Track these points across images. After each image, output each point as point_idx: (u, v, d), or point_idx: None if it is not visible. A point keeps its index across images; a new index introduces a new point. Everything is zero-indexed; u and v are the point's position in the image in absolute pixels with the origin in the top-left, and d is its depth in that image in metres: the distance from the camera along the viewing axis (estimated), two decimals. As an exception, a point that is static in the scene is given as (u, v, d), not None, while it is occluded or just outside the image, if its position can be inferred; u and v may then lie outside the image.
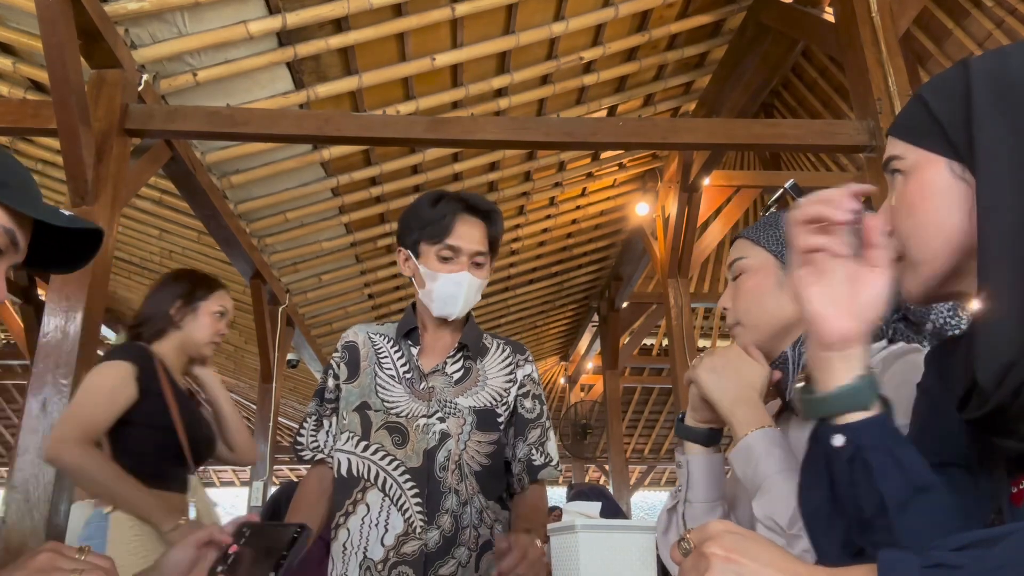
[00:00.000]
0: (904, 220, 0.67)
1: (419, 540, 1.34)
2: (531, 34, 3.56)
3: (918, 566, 0.47)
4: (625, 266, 6.39)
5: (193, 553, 0.94)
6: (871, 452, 0.64)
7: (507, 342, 1.57)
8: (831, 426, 0.67)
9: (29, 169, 3.25)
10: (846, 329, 0.65)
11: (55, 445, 1.77)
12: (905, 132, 0.68)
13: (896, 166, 0.69)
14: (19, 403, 9.51)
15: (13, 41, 2.85)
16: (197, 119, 2.77)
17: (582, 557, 1.04)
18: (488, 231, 1.48)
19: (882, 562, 0.49)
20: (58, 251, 0.90)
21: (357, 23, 3.11)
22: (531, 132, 2.91)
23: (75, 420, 1.80)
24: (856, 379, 0.66)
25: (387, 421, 1.42)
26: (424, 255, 1.46)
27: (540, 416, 1.51)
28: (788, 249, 0.97)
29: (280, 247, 4.43)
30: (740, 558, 0.52)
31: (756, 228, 1.04)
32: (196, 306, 2.01)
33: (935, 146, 0.65)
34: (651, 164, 5.31)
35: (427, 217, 1.45)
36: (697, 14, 3.99)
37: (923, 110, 0.66)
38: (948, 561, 0.47)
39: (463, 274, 1.43)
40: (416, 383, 1.45)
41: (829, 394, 0.66)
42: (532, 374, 1.54)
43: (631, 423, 11.15)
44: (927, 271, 0.66)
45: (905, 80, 2.83)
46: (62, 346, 2.38)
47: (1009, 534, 0.46)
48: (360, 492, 1.39)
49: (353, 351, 1.53)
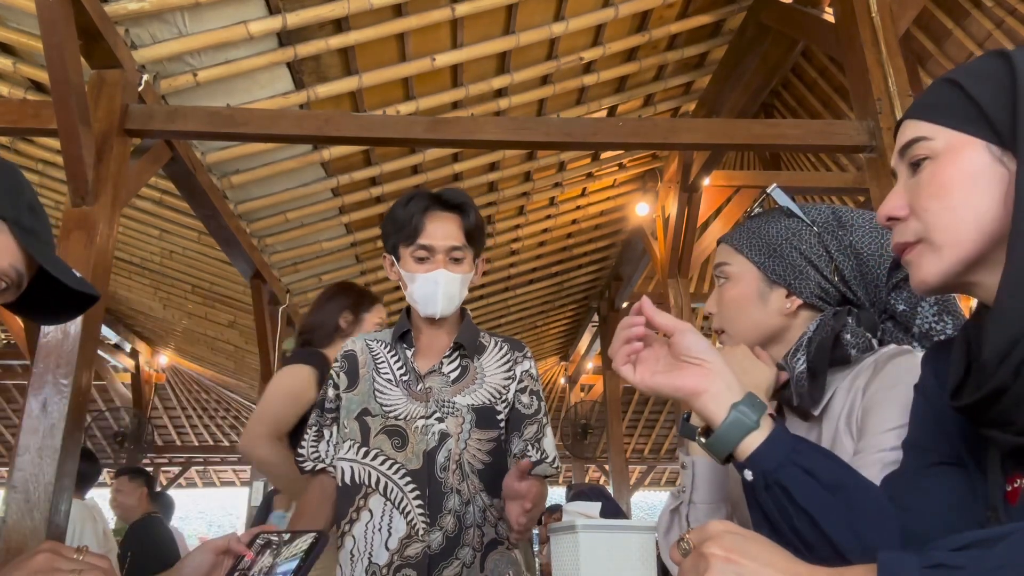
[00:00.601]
0: (930, 201, 0.65)
1: (422, 542, 1.33)
2: (531, 34, 3.56)
3: (918, 566, 0.47)
4: (625, 266, 6.39)
5: (212, 558, 0.95)
6: (780, 472, 0.68)
7: (505, 340, 1.57)
8: (739, 465, 0.71)
9: (29, 169, 3.24)
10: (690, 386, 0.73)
11: (250, 440, 1.99)
12: (935, 113, 0.66)
13: (923, 148, 0.66)
14: (19, 403, 9.51)
15: (13, 41, 2.86)
16: (197, 119, 2.77)
17: (582, 557, 1.04)
18: (463, 223, 1.46)
19: (882, 562, 0.49)
20: (49, 299, 0.93)
21: (357, 23, 3.11)
22: (531, 132, 2.91)
23: (266, 418, 2.01)
24: (731, 409, 0.71)
25: (386, 425, 1.41)
26: (403, 258, 1.46)
27: (537, 412, 1.50)
28: (772, 259, 0.98)
29: (280, 247, 4.43)
30: (740, 558, 0.52)
31: (739, 235, 1.03)
32: (362, 317, 2.25)
33: (973, 128, 0.63)
34: (651, 164, 5.31)
35: (400, 219, 1.45)
36: (697, 14, 3.99)
37: (957, 93, 0.65)
38: (948, 561, 0.47)
39: (438, 272, 1.42)
40: (413, 384, 1.45)
41: (717, 433, 0.72)
42: (531, 370, 1.53)
43: (631, 423, 11.15)
44: (952, 255, 0.64)
45: (905, 80, 2.84)
46: (62, 346, 2.38)
47: (1008, 534, 0.46)
48: (362, 499, 1.38)
49: (352, 360, 1.52)
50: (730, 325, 1.01)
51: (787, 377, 0.97)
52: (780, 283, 0.97)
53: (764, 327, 0.98)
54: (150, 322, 6.95)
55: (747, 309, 0.99)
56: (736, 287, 1.01)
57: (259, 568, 0.92)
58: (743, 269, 1.01)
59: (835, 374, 0.93)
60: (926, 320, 0.94)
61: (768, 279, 0.98)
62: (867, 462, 0.80)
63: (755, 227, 1.02)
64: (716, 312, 1.03)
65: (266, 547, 0.96)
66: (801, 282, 0.96)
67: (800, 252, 0.97)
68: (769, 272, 0.98)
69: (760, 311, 0.98)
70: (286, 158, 3.68)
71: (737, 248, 1.02)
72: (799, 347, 0.94)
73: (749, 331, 0.99)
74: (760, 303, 0.98)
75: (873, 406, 0.85)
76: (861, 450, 0.83)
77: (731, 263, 1.02)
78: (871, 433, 0.83)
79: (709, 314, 1.05)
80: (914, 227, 0.67)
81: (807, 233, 0.98)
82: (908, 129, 0.68)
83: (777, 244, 0.98)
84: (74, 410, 2.35)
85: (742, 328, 1.00)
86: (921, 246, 0.66)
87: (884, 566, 0.49)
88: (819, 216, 0.99)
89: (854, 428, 0.87)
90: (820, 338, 0.92)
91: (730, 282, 1.02)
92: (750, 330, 0.99)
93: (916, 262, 0.67)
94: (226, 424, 11.50)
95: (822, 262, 0.96)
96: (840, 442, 0.87)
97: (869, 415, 0.85)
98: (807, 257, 0.96)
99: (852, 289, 0.96)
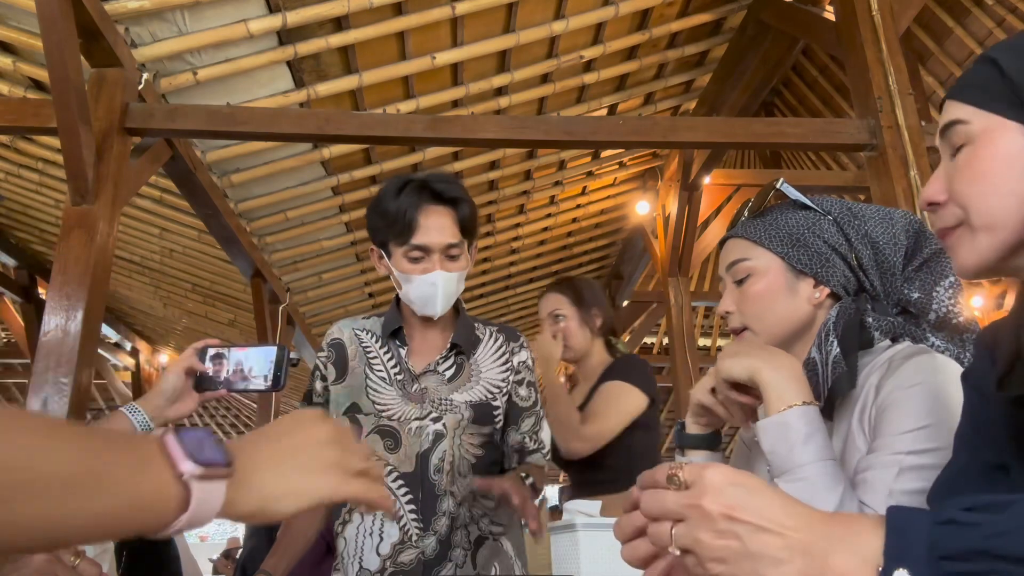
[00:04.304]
0: (968, 186, 0.64)
1: (416, 548, 1.31)
2: (531, 33, 3.56)
3: (930, 522, 0.46)
4: (625, 265, 6.39)
5: (184, 380, 1.11)
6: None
7: (500, 328, 1.51)
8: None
9: (29, 168, 3.24)
10: None
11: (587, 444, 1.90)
12: (972, 95, 0.64)
13: (960, 132, 0.65)
14: (20, 402, 9.51)
15: (13, 40, 2.85)
16: (197, 118, 2.77)
17: (582, 555, 1.04)
18: (457, 217, 1.37)
19: (890, 516, 0.48)
20: None
21: (357, 22, 3.11)
22: (531, 131, 2.91)
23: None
24: None
25: (378, 425, 1.38)
26: (394, 256, 1.38)
27: (535, 404, 1.47)
28: (796, 249, 0.96)
29: (280, 246, 4.43)
30: (742, 515, 0.50)
31: (755, 228, 0.99)
32: None
33: (1009, 111, 0.62)
34: (651, 163, 5.30)
35: (391, 213, 1.35)
36: (697, 12, 3.98)
37: (994, 72, 0.63)
38: (962, 519, 0.45)
39: (436, 273, 1.35)
40: (408, 385, 1.40)
41: None
42: (527, 361, 1.48)
43: (631, 422, 11.13)
44: (992, 239, 0.62)
45: (906, 79, 2.83)
46: (63, 345, 2.38)
47: (1020, 499, 0.45)
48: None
49: (340, 349, 1.46)
50: (757, 322, 0.97)
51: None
52: (807, 273, 0.94)
53: (795, 318, 0.95)
54: (150, 321, 6.95)
55: (777, 302, 0.95)
56: (762, 281, 0.96)
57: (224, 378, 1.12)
58: (767, 262, 0.96)
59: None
60: (943, 304, 0.91)
61: (795, 269, 0.95)
62: (883, 462, 0.79)
63: (771, 219, 0.98)
64: (736, 311, 0.99)
65: (218, 357, 1.13)
66: (828, 271, 0.94)
67: (824, 240, 0.94)
68: (795, 262, 0.95)
69: (790, 303, 0.95)
70: (286, 157, 3.68)
71: (757, 241, 0.97)
72: (827, 332, 0.91)
73: (780, 325, 0.96)
74: (789, 295, 0.95)
75: (889, 405, 0.83)
76: (876, 449, 0.81)
77: (751, 257, 0.97)
78: (887, 433, 0.81)
79: (726, 313, 1.00)
80: (954, 212, 0.65)
81: (825, 222, 0.95)
82: (949, 110, 0.67)
83: (800, 234, 0.95)
84: (74, 409, 2.34)
85: (772, 323, 0.96)
86: (961, 230, 0.65)
87: (893, 520, 0.48)
88: (832, 207, 0.97)
89: (867, 426, 0.85)
90: (846, 320, 0.90)
91: (754, 277, 0.97)
92: (781, 323, 0.95)
93: (956, 247, 0.65)
94: (226, 423, 11.50)
95: (844, 250, 0.94)
96: (852, 440, 0.86)
97: (885, 414, 0.83)
98: (831, 245, 0.94)
99: (870, 278, 0.94)
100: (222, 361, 1.14)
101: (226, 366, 1.14)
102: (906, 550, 0.46)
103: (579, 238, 6.01)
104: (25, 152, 3.81)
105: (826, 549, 0.49)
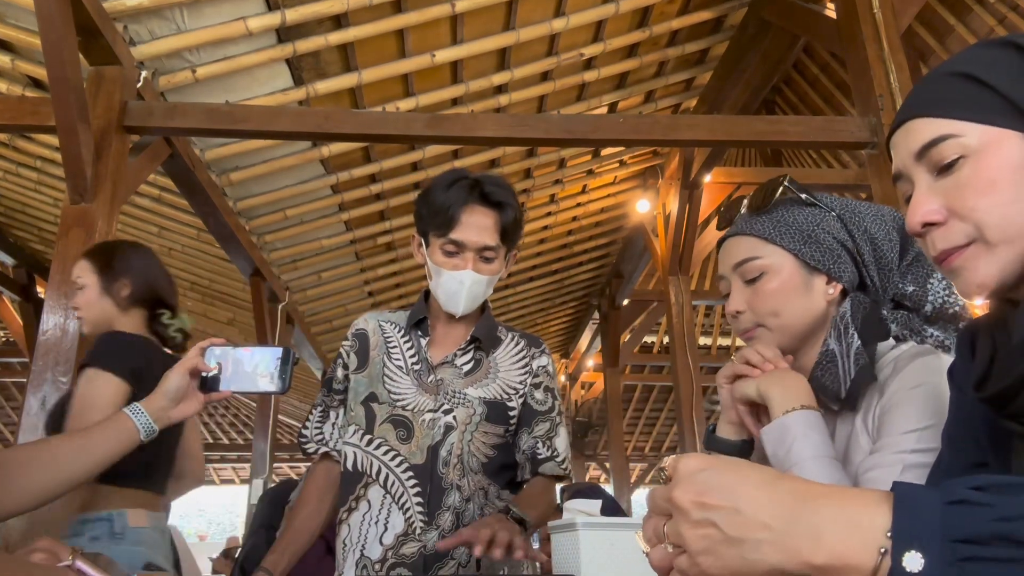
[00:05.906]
0: (979, 200, 0.61)
1: (418, 542, 1.31)
2: (531, 30, 3.55)
3: (940, 501, 0.43)
4: (626, 263, 6.39)
5: (188, 380, 1.10)
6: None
7: (522, 335, 1.51)
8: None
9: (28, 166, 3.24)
10: None
11: None
12: (954, 109, 0.63)
13: (953, 146, 0.62)
14: (18, 401, 9.51)
15: (12, 38, 2.85)
16: (196, 116, 2.76)
17: (583, 554, 1.04)
18: (500, 220, 1.38)
19: (898, 493, 0.44)
20: None
21: (357, 19, 3.10)
22: (531, 129, 2.90)
23: None
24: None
25: (392, 414, 1.39)
26: (432, 246, 1.39)
27: (551, 410, 1.45)
28: (808, 245, 0.95)
29: (280, 244, 4.43)
30: (713, 500, 0.47)
31: (763, 225, 0.97)
32: None
33: (1004, 120, 0.61)
34: (652, 161, 5.30)
35: (437, 204, 1.37)
36: (698, 10, 3.98)
37: (978, 87, 0.62)
38: (973, 498, 0.42)
39: (466, 272, 1.36)
40: (424, 375, 1.41)
41: None
42: (548, 366, 1.48)
43: (632, 421, 11.16)
44: (1010, 252, 0.60)
45: (907, 77, 2.83)
46: (61, 343, 2.38)
47: None
48: (363, 488, 1.36)
49: (363, 339, 1.48)
50: (773, 320, 0.95)
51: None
52: (820, 269, 0.94)
53: (811, 315, 0.94)
54: (150, 320, 6.95)
55: (793, 300, 0.94)
56: (776, 278, 0.95)
57: (229, 379, 1.13)
58: (780, 259, 0.95)
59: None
60: (938, 295, 0.92)
61: (808, 266, 0.94)
62: (887, 461, 0.80)
63: (779, 216, 0.97)
64: (747, 310, 0.97)
65: (223, 358, 1.13)
66: (840, 267, 0.94)
67: (833, 236, 0.94)
68: (808, 259, 0.94)
69: (806, 300, 0.94)
70: (285, 155, 3.68)
71: (768, 238, 0.96)
72: (845, 325, 0.91)
73: (796, 322, 0.95)
74: (805, 292, 0.94)
75: (893, 405, 0.83)
76: (880, 448, 0.82)
77: (763, 255, 0.96)
78: (891, 433, 0.82)
79: (736, 314, 0.99)
80: (962, 229, 0.62)
81: (830, 219, 0.95)
82: (924, 128, 0.64)
83: (810, 230, 0.95)
84: (73, 408, 2.34)
85: (789, 320, 0.95)
86: (974, 247, 0.62)
87: (901, 498, 0.44)
88: (834, 204, 0.97)
89: (871, 425, 0.86)
90: (864, 313, 0.91)
91: (768, 275, 0.95)
92: (798, 321, 0.95)
93: (970, 266, 0.62)
94: (225, 422, 11.51)
95: (850, 246, 0.94)
96: (857, 439, 0.87)
97: (889, 414, 0.83)
98: (839, 241, 0.94)
99: (871, 273, 0.94)
100: (227, 361, 1.13)
101: (231, 367, 1.13)
102: (919, 530, 0.42)
103: (579, 237, 6.00)
104: (23, 150, 3.80)
105: (817, 525, 0.45)
